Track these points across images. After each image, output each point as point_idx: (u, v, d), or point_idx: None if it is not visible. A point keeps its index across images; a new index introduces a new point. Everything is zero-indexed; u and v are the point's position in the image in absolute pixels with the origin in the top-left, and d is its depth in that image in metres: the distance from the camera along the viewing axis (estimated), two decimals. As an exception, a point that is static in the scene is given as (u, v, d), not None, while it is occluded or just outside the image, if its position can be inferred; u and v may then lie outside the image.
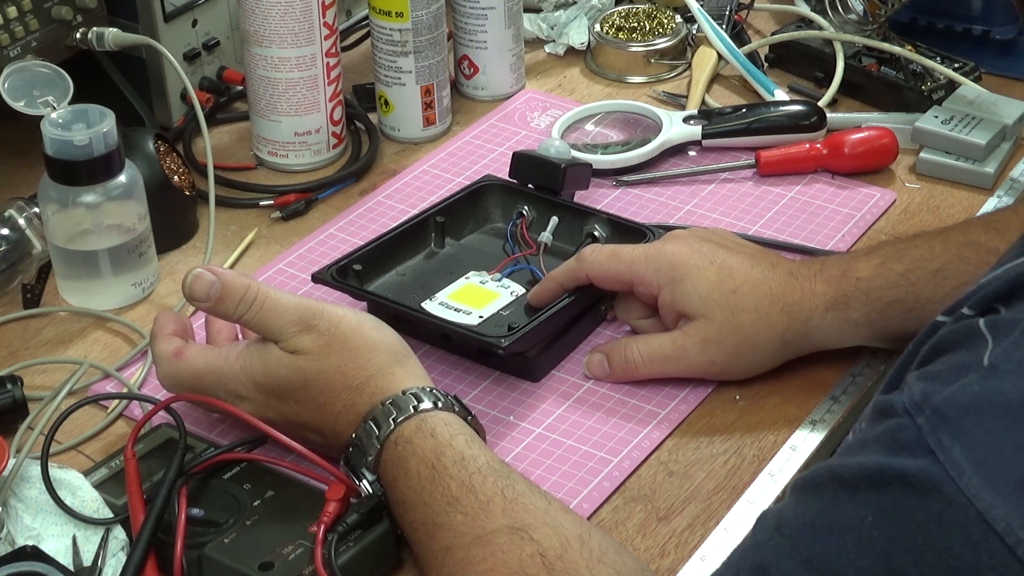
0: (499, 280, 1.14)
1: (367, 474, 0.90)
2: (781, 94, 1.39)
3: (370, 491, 0.90)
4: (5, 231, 1.16)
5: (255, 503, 0.91)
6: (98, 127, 1.09)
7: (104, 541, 0.90)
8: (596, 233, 1.15)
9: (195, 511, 0.90)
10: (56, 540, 0.90)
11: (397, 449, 0.88)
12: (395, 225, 1.17)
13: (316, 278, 1.10)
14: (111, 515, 0.91)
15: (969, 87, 1.35)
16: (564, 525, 0.83)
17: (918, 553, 0.61)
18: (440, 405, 0.91)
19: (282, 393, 0.94)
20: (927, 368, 0.66)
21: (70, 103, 1.12)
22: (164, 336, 0.99)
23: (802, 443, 1.01)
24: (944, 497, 0.60)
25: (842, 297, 1.01)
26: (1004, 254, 0.72)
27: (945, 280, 0.99)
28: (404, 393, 0.91)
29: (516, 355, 1.05)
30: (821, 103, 1.36)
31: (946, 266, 1.00)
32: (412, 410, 0.90)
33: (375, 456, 0.89)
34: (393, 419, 0.89)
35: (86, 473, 0.95)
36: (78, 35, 1.27)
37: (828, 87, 1.39)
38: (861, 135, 1.30)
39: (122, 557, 0.89)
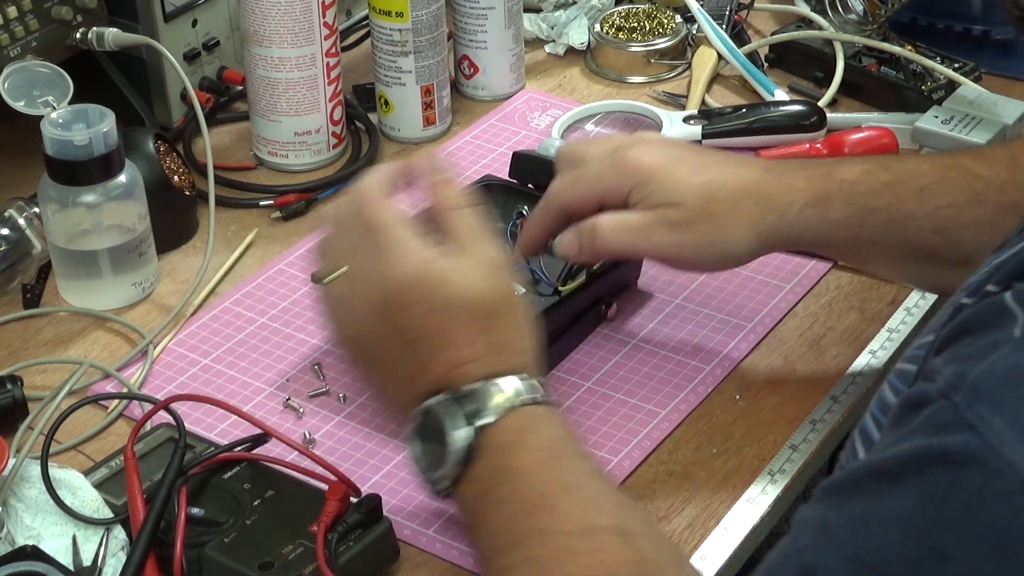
0: (499, 280, 1.13)
1: (461, 424, 0.82)
2: (781, 94, 1.39)
3: (457, 444, 0.82)
4: (5, 231, 1.16)
5: (255, 503, 0.91)
6: (98, 127, 1.09)
7: (104, 541, 0.90)
8: (596, 233, 1.15)
9: (195, 511, 0.90)
10: (56, 540, 0.90)
11: (523, 419, 0.83)
12: (395, 225, 1.17)
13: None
14: (111, 515, 0.91)
15: (969, 87, 1.35)
16: (664, 543, 0.81)
17: (961, 530, 0.59)
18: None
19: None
20: (955, 350, 0.65)
21: (70, 103, 1.12)
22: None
23: (802, 443, 1.01)
24: (986, 469, 0.59)
25: (823, 195, 0.97)
26: (1019, 229, 0.71)
27: (930, 198, 0.96)
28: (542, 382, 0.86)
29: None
30: (821, 103, 1.36)
31: (932, 184, 0.97)
32: (547, 395, 0.85)
33: (496, 414, 0.82)
34: (532, 392, 0.84)
35: (86, 473, 0.95)
36: (78, 35, 1.27)
37: (828, 87, 1.39)
38: (861, 135, 1.30)
39: (122, 557, 0.89)
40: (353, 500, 0.90)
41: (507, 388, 0.83)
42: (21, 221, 1.16)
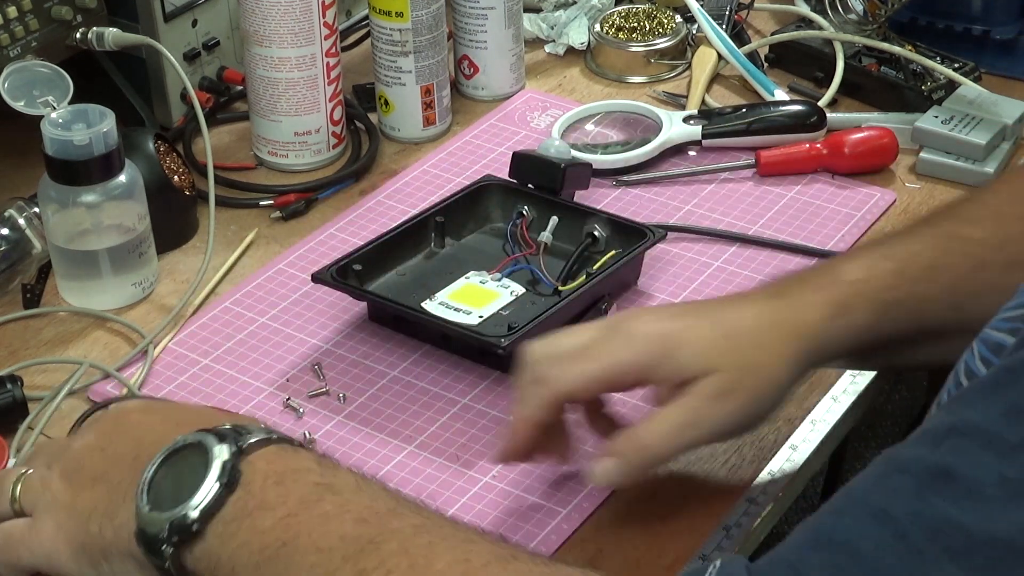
0: (499, 280, 1.14)
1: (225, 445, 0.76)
2: (781, 94, 1.39)
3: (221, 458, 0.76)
4: (5, 231, 1.16)
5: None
6: (98, 127, 1.09)
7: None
8: (596, 233, 1.15)
9: None
10: (56, 540, 0.90)
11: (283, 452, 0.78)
12: (395, 225, 1.17)
13: (316, 278, 1.10)
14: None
15: (969, 87, 1.35)
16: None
17: None
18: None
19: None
20: None
21: (70, 103, 1.12)
22: None
23: (802, 443, 1.01)
24: None
25: (842, 303, 0.91)
26: None
27: (939, 276, 0.92)
28: None
29: (516, 355, 1.05)
30: (821, 103, 1.36)
31: (936, 261, 0.93)
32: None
33: (260, 437, 0.78)
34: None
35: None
36: (78, 35, 1.27)
37: (828, 87, 1.39)
38: (861, 135, 1.30)
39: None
40: None
41: (257, 431, 0.78)
42: (21, 221, 1.16)
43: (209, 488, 0.73)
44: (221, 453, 0.74)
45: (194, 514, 0.73)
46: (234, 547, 0.73)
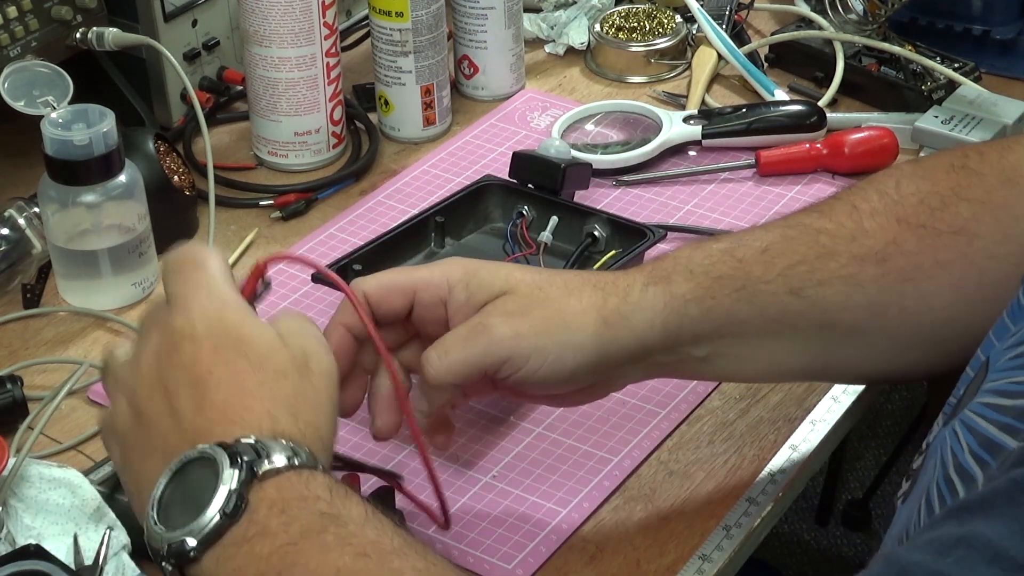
0: (499, 280, 1.13)
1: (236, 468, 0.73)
2: (781, 94, 1.39)
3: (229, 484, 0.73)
4: (5, 231, 1.16)
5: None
6: (98, 127, 1.09)
7: (105, 540, 0.90)
8: (596, 233, 1.15)
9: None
10: (56, 539, 0.90)
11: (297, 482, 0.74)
12: (395, 225, 1.17)
13: (316, 278, 1.10)
14: (111, 514, 0.91)
15: (969, 87, 1.35)
16: None
17: None
18: None
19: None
20: None
21: (70, 103, 1.12)
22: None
23: (802, 443, 1.01)
24: None
25: (662, 272, 0.88)
26: None
27: (775, 259, 0.89)
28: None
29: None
30: (821, 103, 1.36)
31: (773, 245, 0.89)
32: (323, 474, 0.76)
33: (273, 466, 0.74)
34: (308, 462, 0.75)
35: (86, 472, 0.95)
36: (78, 35, 1.27)
37: (828, 87, 1.39)
38: (861, 135, 1.30)
39: (123, 556, 0.89)
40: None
41: (281, 451, 0.74)
42: (21, 221, 1.16)
43: (211, 517, 0.71)
44: (230, 480, 0.71)
45: (191, 542, 0.71)
46: (230, 571, 0.71)
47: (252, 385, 0.75)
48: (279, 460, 0.73)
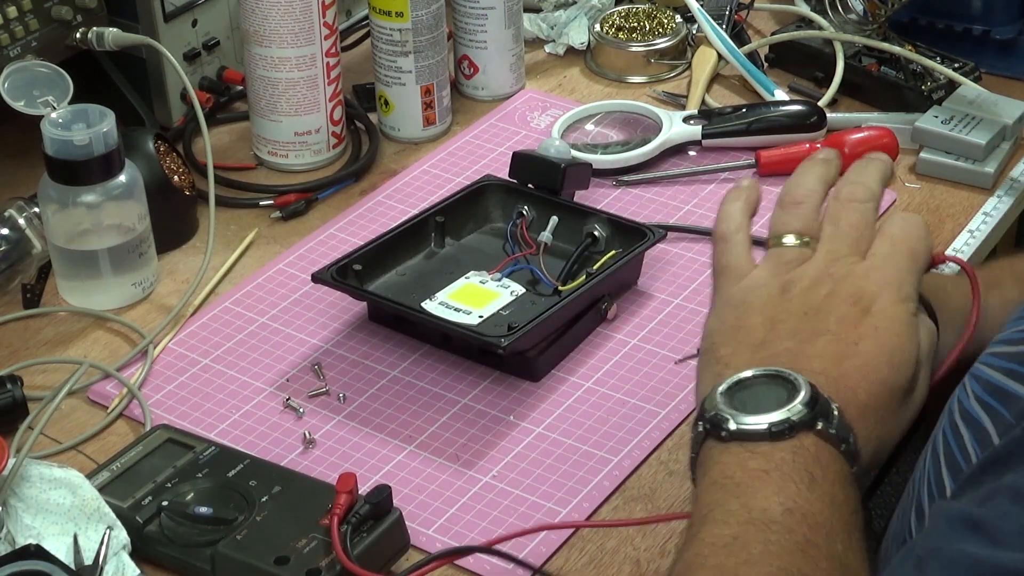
0: (499, 280, 1.14)
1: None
2: (781, 94, 1.39)
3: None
4: (5, 231, 1.16)
5: (263, 499, 0.92)
6: (98, 127, 1.09)
7: (105, 541, 0.90)
8: (596, 233, 1.15)
9: (202, 509, 0.90)
10: (56, 539, 0.90)
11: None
12: (395, 225, 1.17)
13: (316, 278, 1.10)
14: (111, 514, 0.91)
15: (969, 87, 1.35)
16: None
17: None
18: None
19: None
20: None
21: (70, 103, 1.12)
22: None
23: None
24: None
25: (993, 279, 0.92)
26: None
27: None
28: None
29: (516, 355, 1.05)
30: (821, 103, 1.36)
31: None
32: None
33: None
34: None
35: (88, 476, 0.95)
36: (78, 35, 1.27)
37: (828, 87, 1.39)
38: (861, 135, 1.30)
39: (123, 556, 0.89)
40: (361, 493, 0.90)
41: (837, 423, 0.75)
42: (21, 221, 1.16)
43: (755, 422, 0.73)
44: (793, 412, 0.73)
45: (732, 426, 0.74)
46: (719, 475, 0.73)
47: (880, 364, 0.77)
48: (830, 427, 0.73)
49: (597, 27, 1.49)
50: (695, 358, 0.96)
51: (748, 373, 0.76)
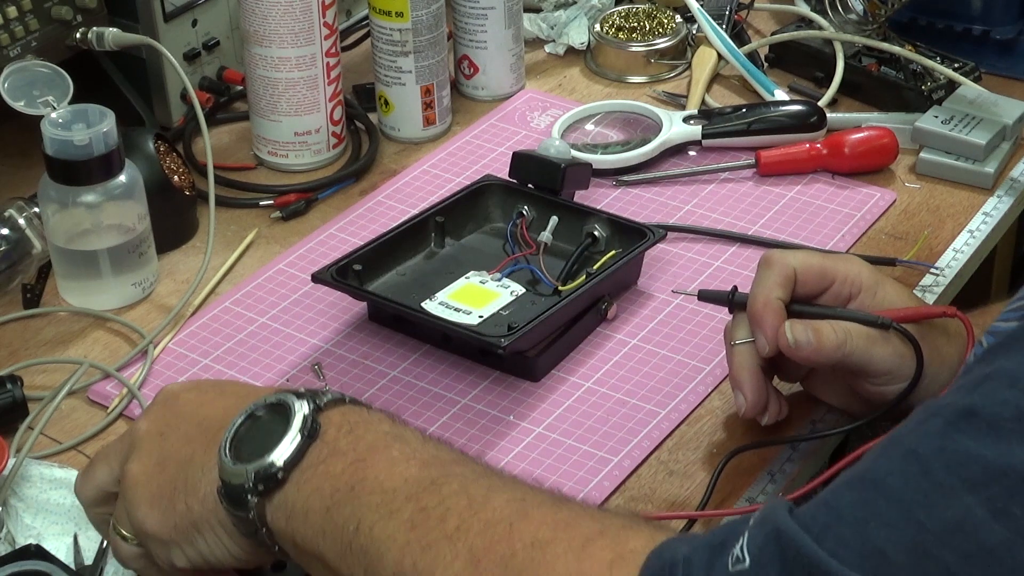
0: (499, 280, 1.14)
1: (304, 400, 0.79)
2: (781, 94, 1.39)
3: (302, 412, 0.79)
4: (5, 231, 1.16)
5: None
6: (98, 127, 1.09)
7: (105, 540, 0.90)
8: (596, 233, 1.15)
9: None
10: (56, 539, 0.90)
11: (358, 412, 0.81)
12: (395, 225, 1.17)
13: (316, 278, 1.10)
14: (111, 515, 0.91)
15: (969, 87, 1.35)
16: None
17: None
18: None
19: None
20: None
21: (70, 103, 1.12)
22: None
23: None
24: None
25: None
26: None
27: None
28: None
29: (516, 355, 1.05)
30: (821, 103, 1.36)
31: None
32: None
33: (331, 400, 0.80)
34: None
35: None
36: (78, 35, 1.27)
37: (828, 87, 1.39)
38: (861, 135, 1.30)
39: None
40: None
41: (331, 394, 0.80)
42: (21, 221, 1.16)
43: (292, 439, 0.76)
44: (301, 408, 0.77)
45: (279, 462, 0.75)
46: (308, 493, 0.75)
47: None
48: (334, 396, 0.79)
49: (597, 27, 1.49)
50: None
51: (239, 419, 0.78)
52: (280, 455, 0.76)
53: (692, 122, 1.33)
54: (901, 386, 0.95)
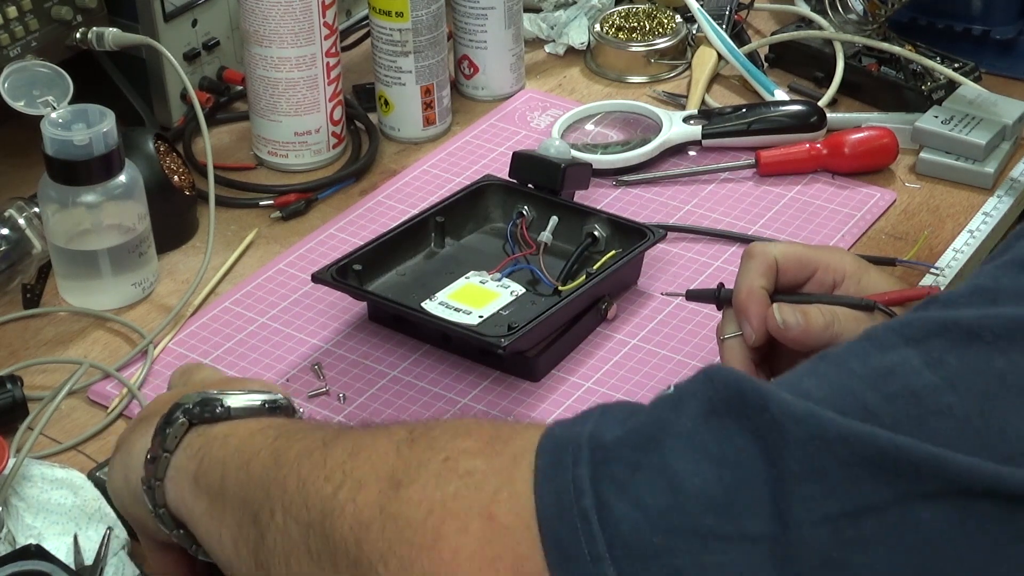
0: (499, 280, 1.14)
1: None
2: (781, 94, 1.39)
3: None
4: (5, 231, 1.16)
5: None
6: (98, 127, 1.09)
7: (105, 540, 0.90)
8: (596, 233, 1.15)
9: None
10: (57, 539, 0.90)
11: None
12: (395, 225, 1.17)
13: (316, 278, 1.10)
14: (112, 514, 0.91)
15: (969, 87, 1.35)
16: None
17: None
18: None
19: None
20: None
21: (70, 103, 1.12)
22: None
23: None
24: None
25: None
26: None
27: None
28: None
29: (516, 355, 1.05)
30: (821, 103, 1.36)
31: None
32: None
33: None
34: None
35: (90, 472, 0.95)
36: (78, 35, 1.27)
37: (828, 87, 1.39)
38: (861, 135, 1.30)
39: (123, 556, 0.89)
40: None
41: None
42: (21, 221, 1.16)
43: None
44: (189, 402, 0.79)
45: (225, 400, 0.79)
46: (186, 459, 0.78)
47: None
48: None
49: (597, 27, 1.49)
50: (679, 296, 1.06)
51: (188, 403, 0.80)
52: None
53: (692, 122, 1.33)
54: None
